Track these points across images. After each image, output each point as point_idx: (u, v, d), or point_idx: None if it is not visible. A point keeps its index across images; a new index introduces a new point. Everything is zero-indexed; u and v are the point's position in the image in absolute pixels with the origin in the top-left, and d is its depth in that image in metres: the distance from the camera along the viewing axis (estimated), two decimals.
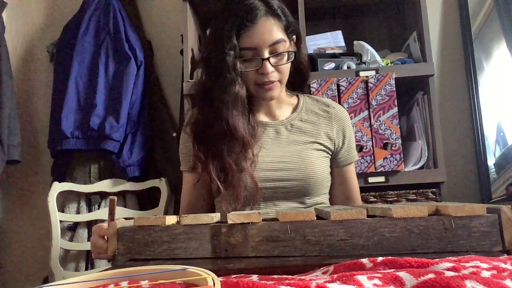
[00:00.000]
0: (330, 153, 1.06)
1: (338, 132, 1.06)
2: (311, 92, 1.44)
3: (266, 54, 0.94)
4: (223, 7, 0.97)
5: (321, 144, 1.04)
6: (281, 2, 0.99)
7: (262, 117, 1.06)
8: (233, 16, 0.93)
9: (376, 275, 0.43)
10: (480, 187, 1.66)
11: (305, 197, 1.00)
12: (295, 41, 1.03)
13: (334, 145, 1.06)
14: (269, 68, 0.94)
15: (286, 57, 0.97)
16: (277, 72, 0.97)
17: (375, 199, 1.43)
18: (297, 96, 1.11)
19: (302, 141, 1.03)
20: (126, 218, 0.73)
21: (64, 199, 1.67)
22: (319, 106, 1.09)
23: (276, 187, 0.98)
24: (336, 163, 1.07)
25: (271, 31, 0.94)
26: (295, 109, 1.08)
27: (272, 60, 0.95)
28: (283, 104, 1.08)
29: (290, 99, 1.10)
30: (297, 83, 1.11)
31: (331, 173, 1.07)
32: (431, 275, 0.41)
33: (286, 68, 0.98)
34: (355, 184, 1.11)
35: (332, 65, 1.53)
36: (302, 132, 1.04)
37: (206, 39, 1.58)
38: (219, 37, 0.94)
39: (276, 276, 0.48)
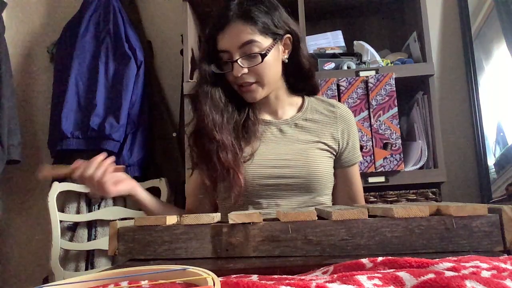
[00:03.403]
0: (334, 153, 1.05)
1: (343, 132, 1.06)
2: None
3: (236, 56, 0.96)
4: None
5: (325, 144, 1.03)
6: (261, 3, 0.98)
7: (265, 116, 1.07)
8: (211, 21, 1.00)
9: (376, 275, 0.43)
10: (480, 187, 1.66)
11: (308, 196, 1.00)
12: (290, 41, 1.02)
13: (338, 146, 1.05)
14: (238, 70, 0.96)
15: (259, 58, 0.96)
16: (253, 74, 0.97)
17: (375, 199, 1.43)
18: (302, 96, 1.11)
19: (306, 140, 1.03)
20: (126, 218, 0.73)
21: (64, 199, 1.67)
22: (324, 106, 1.08)
23: (278, 184, 0.98)
24: (339, 164, 1.07)
25: (239, 33, 0.95)
26: (300, 108, 1.08)
27: (242, 62, 0.96)
28: (286, 103, 1.08)
29: (293, 99, 1.09)
30: (301, 84, 1.09)
31: (334, 173, 1.06)
32: (431, 275, 0.41)
33: (263, 69, 0.97)
34: (358, 185, 1.10)
35: (332, 65, 1.53)
36: (306, 131, 1.04)
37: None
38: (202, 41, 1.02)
39: (276, 276, 0.48)
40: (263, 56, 0.95)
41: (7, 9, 1.85)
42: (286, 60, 1.03)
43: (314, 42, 1.64)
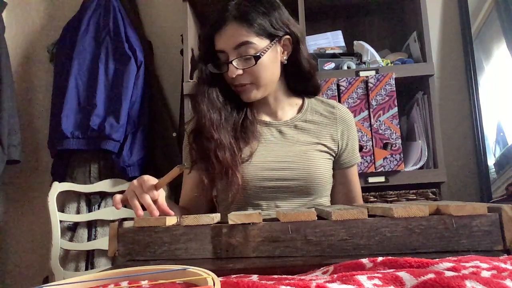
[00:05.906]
0: (334, 154, 1.05)
1: (342, 134, 1.06)
2: None
3: (232, 57, 0.96)
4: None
5: (324, 145, 1.03)
6: (260, 4, 0.97)
7: (265, 117, 1.06)
8: (209, 21, 1.00)
9: (376, 275, 0.43)
10: (480, 187, 1.66)
11: (308, 198, 1.00)
12: (290, 42, 1.01)
13: (338, 147, 1.05)
14: (233, 71, 0.96)
15: (253, 60, 0.96)
16: (248, 75, 0.97)
17: (375, 199, 1.43)
18: (302, 97, 1.10)
19: (306, 141, 1.02)
20: (126, 219, 0.73)
21: (64, 199, 1.67)
22: (324, 107, 1.08)
23: (278, 186, 0.98)
24: (338, 165, 1.06)
25: (235, 35, 0.95)
26: (300, 110, 1.08)
27: (237, 63, 0.96)
28: (285, 104, 1.07)
29: (292, 99, 1.09)
30: (301, 86, 1.08)
31: (333, 174, 1.06)
32: (431, 275, 0.41)
33: (258, 71, 0.96)
34: (357, 186, 1.10)
35: (332, 65, 1.53)
36: (306, 133, 1.04)
37: None
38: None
39: (276, 276, 0.48)
40: (257, 58, 0.95)
41: (7, 9, 1.85)
42: (285, 61, 1.02)
43: (314, 42, 1.64)
